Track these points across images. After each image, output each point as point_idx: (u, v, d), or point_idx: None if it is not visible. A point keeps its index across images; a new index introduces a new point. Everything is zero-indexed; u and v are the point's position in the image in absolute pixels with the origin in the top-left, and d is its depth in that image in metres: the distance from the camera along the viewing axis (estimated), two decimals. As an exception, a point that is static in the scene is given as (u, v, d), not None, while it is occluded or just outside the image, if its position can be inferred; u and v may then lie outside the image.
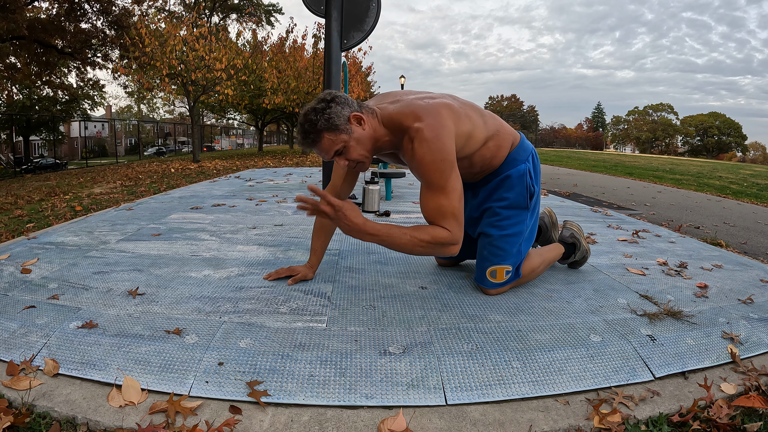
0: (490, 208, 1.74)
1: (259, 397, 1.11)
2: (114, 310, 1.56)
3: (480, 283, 1.78)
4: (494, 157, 1.67)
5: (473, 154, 1.60)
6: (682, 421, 1.11)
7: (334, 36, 3.22)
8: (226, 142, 36.79)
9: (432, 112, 1.44)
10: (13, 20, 12.48)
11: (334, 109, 1.40)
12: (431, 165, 1.40)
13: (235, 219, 3.12)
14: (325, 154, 1.44)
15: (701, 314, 1.67)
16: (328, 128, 1.39)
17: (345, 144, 1.42)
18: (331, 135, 1.40)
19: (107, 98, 32.01)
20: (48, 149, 27.11)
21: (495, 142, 1.64)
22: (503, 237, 1.71)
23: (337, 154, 1.44)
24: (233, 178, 6.18)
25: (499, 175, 1.71)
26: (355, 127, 1.43)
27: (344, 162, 1.46)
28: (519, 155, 1.71)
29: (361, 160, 1.47)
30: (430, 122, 1.41)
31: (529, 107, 68.52)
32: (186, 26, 12.20)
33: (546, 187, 6.82)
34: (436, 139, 1.40)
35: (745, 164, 27.53)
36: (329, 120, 1.39)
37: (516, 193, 1.70)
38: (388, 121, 1.49)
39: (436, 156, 1.40)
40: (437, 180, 1.42)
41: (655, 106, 60.67)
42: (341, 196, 1.81)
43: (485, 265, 1.74)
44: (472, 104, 1.65)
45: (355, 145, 1.44)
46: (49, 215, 3.95)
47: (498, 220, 1.73)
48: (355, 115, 1.43)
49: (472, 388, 1.18)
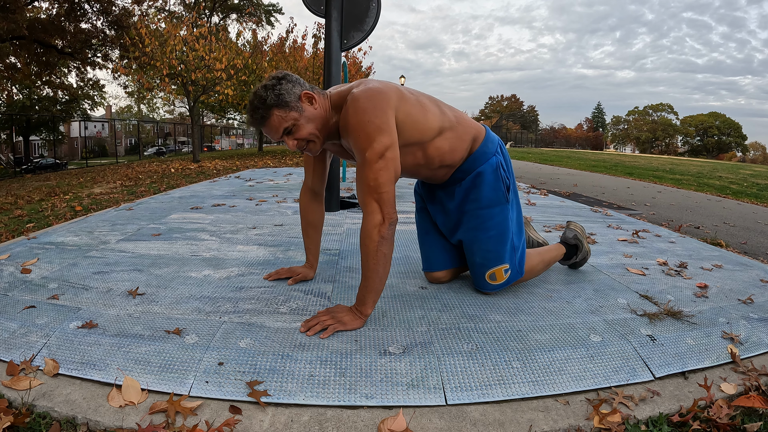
0: (469, 211, 1.67)
1: (259, 397, 1.11)
2: (114, 310, 1.56)
3: (482, 289, 1.75)
4: (454, 150, 1.59)
5: (427, 143, 1.52)
6: (682, 421, 1.11)
7: (334, 36, 3.23)
8: (226, 142, 36.80)
9: (373, 82, 1.42)
10: (13, 20, 12.49)
11: (284, 86, 1.37)
12: (357, 126, 1.34)
13: (235, 219, 3.12)
14: (275, 133, 1.39)
15: (701, 314, 1.67)
16: (278, 104, 1.35)
17: (295, 122, 1.38)
18: (280, 112, 1.36)
19: (107, 98, 32.02)
20: (48, 149, 27.14)
21: (454, 133, 1.57)
22: (491, 238, 1.66)
23: (286, 132, 1.39)
24: (233, 178, 6.18)
25: (471, 173, 1.64)
26: (305, 106, 1.39)
27: (293, 142, 1.40)
28: (487, 148, 1.65)
29: (311, 138, 1.42)
30: (365, 88, 1.38)
31: (529, 107, 68.52)
32: (186, 26, 12.21)
33: (546, 187, 6.82)
34: (367, 100, 1.35)
35: (745, 164, 27.53)
36: (279, 96, 1.35)
37: (492, 189, 1.64)
38: (336, 99, 1.45)
39: (363, 117, 1.33)
40: (360, 144, 1.35)
41: (655, 106, 60.67)
42: (316, 191, 1.80)
43: (482, 270, 1.70)
44: (432, 96, 1.60)
45: (305, 123, 1.39)
46: (49, 215, 3.95)
47: (481, 223, 1.66)
48: (306, 93, 1.39)
49: (472, 388, 1.18)
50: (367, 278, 1.43)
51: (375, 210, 1.36)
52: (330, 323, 1.43)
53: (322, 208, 1.85)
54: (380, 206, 1.36)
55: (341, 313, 1.46)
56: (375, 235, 1.36)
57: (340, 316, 1.45)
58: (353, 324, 1.44)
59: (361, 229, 1.39)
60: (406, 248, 2.41)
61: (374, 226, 1.36)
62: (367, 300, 1.45)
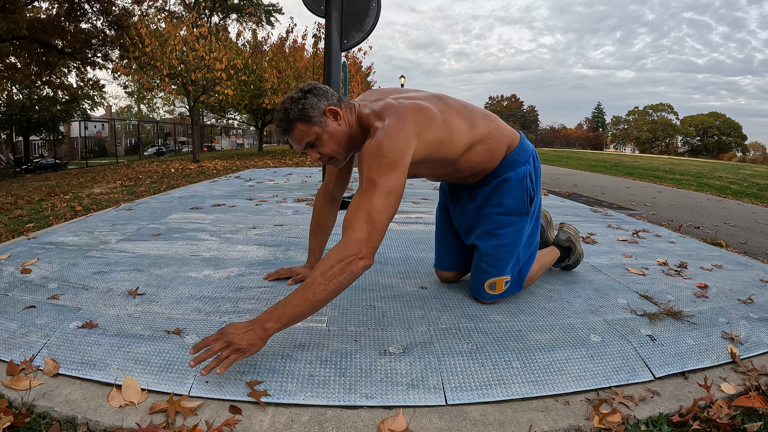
0: (488, 215, 1.63)
1: (259, 397, 1.11)
2: (114, 310, 1.56)
3: (477, 296, 1.69)
4: (486, 161, 1.56)
5: (457, 160, 1.50)
6: (682, 421, 1.11)
7: (334, 36, 3.22)
8: (226, 142, 36.81)
9: (397, 112, 1.36)
10: (13, 20, 12.48)
11: (310, 100, 1.36)
12: (370, 159, 1.29)
13: (235, 219, 3.12)
14: (297, 145, 1.40)
15: (701, 314, 1.67)
16: (301, 119, 1.35)
17: (317, 136, 1.37)
18: (303, 126, 1.36)
19: (107, 98, 32.02)
20: (48, 149, 27.14)
21: (485, 146, 1.53)
22: (501, 246, 1.62)
23: (309, 146, 1.39)
24: (233, 178, 6.18)
25: (497, 178, 1.60)
26: (329, 121, 1.38)
27: (316, 155, 1.41)
28: (519, 156, 1.61)
29: (333, 155, 1.42)
30: (389, 122, 1.33)
31: (529, 107, 68.55)
32: (186, 26, 12.20)
33: (546, 187, 6.82)
34: (386, 137, 1.30)
35: (745, 164, 27.53)
36: (302, 110, 1.35)
37: (515, 198, 1.59)
38: (363, 120, 1.43)
39: (378, 152, 1.28)
40: (370, 175, 1.27)
41: (655, 106, 60.69)
42: (334, 196, 1.79)
43: (484, 277, 1.65)
44: (462, 106, 1.52)
45: (327, 139, 1.38)
46: (49, 215, 3.95)
47: (496, 228, 1.62)
48: (331, 109, 1.38)
49: (472, 388, 1.18)
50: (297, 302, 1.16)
51: (361, 240, 1.21)
52: (225, 354, 1.12)
53: (336, 212, 1.83)
54: (367, 239, 1.21)
55: (237, 336, 1.13)
56: (344, 265, 1.17)
57: (237, 340, 1.13)
58: (252, 349, 1.15)
59: (332, 250, 1.20)
60: (406, 248, 2.41)
61: (353, 254, 1.19)
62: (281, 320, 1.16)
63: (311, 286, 1.16)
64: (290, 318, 1.17)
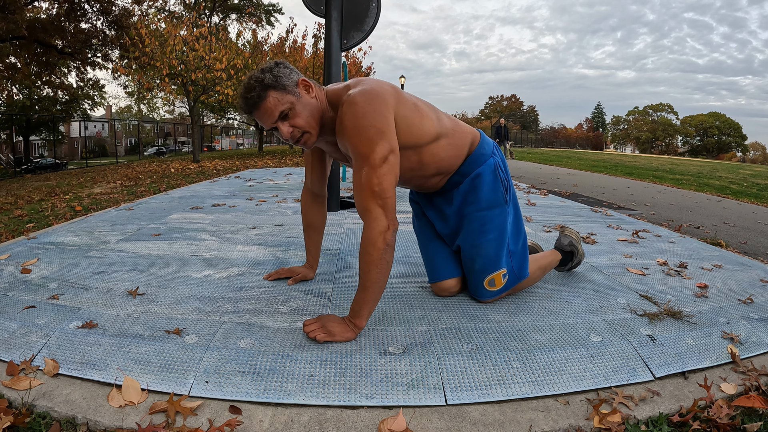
0: (469, 214, 1.61)
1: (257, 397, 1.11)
2: (114, 310, 1.56)
3: (480, 297, 1.67)
4: (452, 157, 1.56)
5: (423, 148, 1.48)
6: (682, 421, 1.11)
7: (334, 36, 3.22)
8: (226, 142, 36.79)
9: (369, 82, 1.37)
10: (13, 20, 12.48)
11: (282, 70, 1.32)
12: (356, 131, 1.29)
13: (235, 219, 3.12)
14: (269, 117, 1.31)
15: (701, 314, 1.67)
16: (275, 86, 1.29)
17: (291, 106, 1.31)
18: (277, 93, 1.30)
19: (107, 98, 32.01)
20: (48, 149, 27.14)
21: (450, 141, 1.54)
22: (489, 243, 1.60)
23: (282, 117, 1.32)
24: (233, 178, 6.18)
25: (469, 175, 1.60)
26: (302, 92, 1.35)
27: (288, 129, 1.33)
28: (484, 150, 1.62)
29: (307, 129, 1.35)
30: (363, 88, 1.33)
31: (529, 107, 68.51)
32: (186, 26, 12.20)
33: (546, 187, 6.82)
34: (366, 103, 1.29)
35: (745, 164, 27.53)
36: (277, 78, 1.30)
37: (491, 190, 1.60)
38: (332, 96, 1.40)
39: (362, 121, 1.28)
40: (362, 149, 1.29)
41: (655, 106, 60.69)
42: (316, 193, 1.78)
43: (482, 277, 1.63)
44: (428, 102, 1.56)
45: (301, 109, 1.33)
46: (49, 215, 3.95)
47: (480, 226, 1.60)
48: (304, 80, 1.35)
49: (472, 388, 1.18)
50: (366, 289, 1.34)
51: (379, 216, 1.30)
52: (318, 334, 1.35)
53: (324, 209, 1.83)
54: (384, 212, 1.30)
55: (332, 324, 1.37)
56: (380, 242, 1.29)
57: (331, 326, 1.36)
58: (343, 336, 1.35)
59: (364, 237, 1.31)
60: (406, 248, 2.41)
61: (380, 233, 1.29)
62: (363, 311, 1.37)
63: (366, 275, 1.33)
64: (369, 307, 1.37)
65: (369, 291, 1.35)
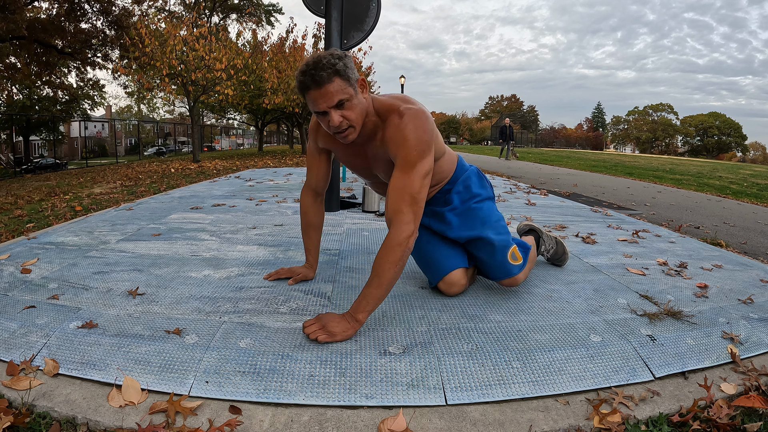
0: (471, 208, 1.74)
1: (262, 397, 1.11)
2: (114, 310, 1.56)
3: (507, 274, 1.71)
4: (444, 171, 1.73)
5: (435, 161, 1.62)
6: (682, 421, 1.11)
7: (334, 36, 3.22)
8: (226, 142, 36.78)
9: (418, 103, 1.50)
10: (13, 20, 12.48)
11: (350, 63, 1.38)
12: (412, 142, 1.40)
13: (235, 219, 3.12)
14: (326, 100, 1.34)
15: (701, 314, 1.67)
16: (343, 75, 1.34)
17: (350, 97, 1.36)
18: (342, 82, 1.34)
19: (107, 98, 32.00)
20: (48, 149, 27.15)
21: (447, 157, 1.72)
22: (499, 222, 1.76)
23: (338, 105, 1.36)
24: (233, 178, 6.18)
25: (459, 178, 1.77)
26: (360, 90, 1.41)
27: (338, 118, 1.37)
28: (463, 163, 1.84)
29: (353, 124, 1.40)
30: (421, 108, 1.46)
31: (529, 107, 68.56)
32: (186, 26, 12.19)
33: (546, 187, 6.82)
34: (426, 121, 1.43)
35: (745, 164, 27.53)
36: (347, 67, 1.35)
37: (480, 187, 1.79)
38: (378, 105, 1.48)
39: (420, 135, 1.41)
40: (412, 158, 1.41)
41: (655, 106, 60.72)
42: (319, 192, 1.82)
43: (504, 252, 1.69)
44: None
45: (356, 104, 1.39)
46: (49, 215, 3.95)
47: (486, 213, 1.74)
48: (362, 79, 1.42)
49: (472, 388, 1.18)
50: (380, 286, 1.38)
51: (410, 221, 1.38)
52: (319, 335, 1.36)
53: (323, 209, 1.86)
54: (414, 218, 1.39)
55: (332, 323, 1.39)
56: (404, 245, 1.37)
57: (331, 326, 1.38)
58: (344, 335, 1.38)
59: (391, 237, 1.37)
60: (406, 248, 2.41)
61: (406, 237, 1.37)
62: (369, 307, 1.41)
63: (384, 273, 1.37)
64: (375, 304, 1.41)
65: (381, 289, 1.39)
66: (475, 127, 66.62)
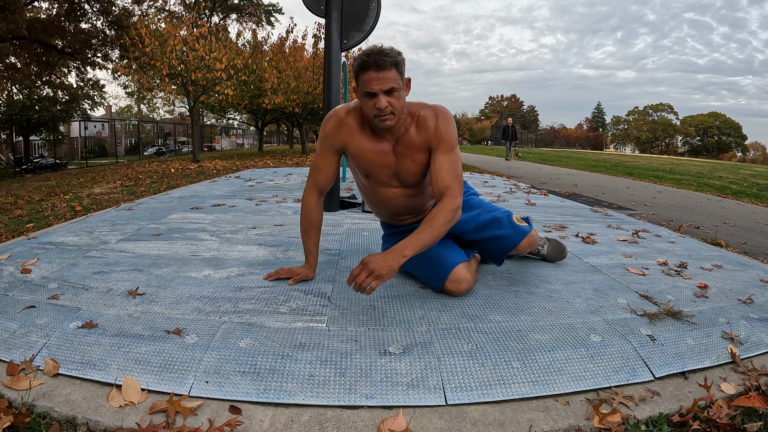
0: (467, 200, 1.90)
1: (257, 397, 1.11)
2: (114, 310, 1.56)
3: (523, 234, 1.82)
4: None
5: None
6: (682, 421, 1.11)
7: (334, 36, 3.22)
8: (226, 142, 36.80)
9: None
10: (13, 20, 12.48)
11: (404, 62, 1.58)
12: (451, 130, 1.66)
13: (235, 219, 3.12)
14: (383, 82, 1.51)
15: (701, 314, 1.67)
16: (400, 68, 1.55)
17: (399, 89, 1.55)
18: (397, 74, 1.54)
19: (107, 98, 32.00)
20: (48, 149, 27.15)
21: None
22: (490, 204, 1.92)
23: (390, 91, 1.54)
24: (233, 178, 6.18)
25: None
26: (406, 87, 1.61)
27: (385, 103, 1.53)
28: None
29: (395, 112, 1.57)
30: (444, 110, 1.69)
31: (529, 107, 68.57)
32: (186, 26, 12.20)
33: (546, 187, 6.82)
34: (450, 119, 1.68)
35: (745, 164, 27.54)
36: (403, 62, 1.57)
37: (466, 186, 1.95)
38: (407, 105, 1.68)
39: (453, 127, 1.68)
40: (453, 143, 1.66)
41: (655, 106, 60.74)
42: (323, 192, 1.84)
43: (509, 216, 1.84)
44: None
45: (402, 96, 1.58)
46: (49, 215, 3.95)
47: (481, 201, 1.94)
48: (409, 78, 1.63)
49: (472, 388, 1.18)
50: (429, 234, 1.51)
51: (459, 194, 1.60)
52: (372, 283, 1.42)
53: (322, 209, 1.88)
54: (461, 193, 1.61)
55: (378, 264, 1.43)
56: (456, 212, 1.57)
57: (378, 269, 1.43)
58: (391, 273, 1.45)
59: (446, 204, 1.56)
60: (406, 248, 2.41)
61: (458, 205, 1.58)
62: (415, 249, 1.49)
63: (436, 226, 1.53)
64: (421, 247, 1.51)
65: (431, 237, 1.52)
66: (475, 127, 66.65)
